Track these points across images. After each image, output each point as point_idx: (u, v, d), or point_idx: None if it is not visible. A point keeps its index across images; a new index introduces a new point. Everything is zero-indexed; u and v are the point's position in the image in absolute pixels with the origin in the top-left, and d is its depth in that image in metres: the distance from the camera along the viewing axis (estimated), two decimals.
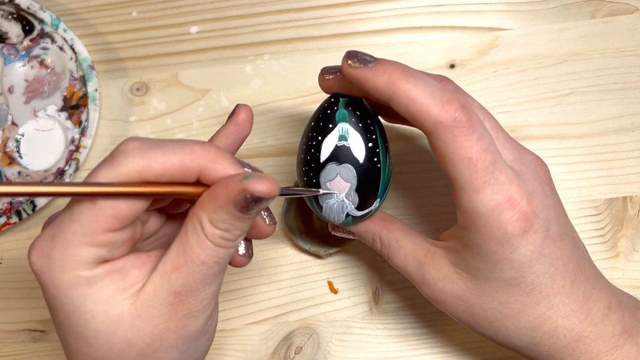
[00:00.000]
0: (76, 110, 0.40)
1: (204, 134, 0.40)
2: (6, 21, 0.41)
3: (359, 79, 0.26)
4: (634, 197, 0.38)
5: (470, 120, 0.25)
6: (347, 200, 0.29)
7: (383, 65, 0.25)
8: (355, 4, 0.41)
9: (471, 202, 0.25)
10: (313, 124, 0.29)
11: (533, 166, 0.28)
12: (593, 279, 0.28)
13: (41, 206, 0.38)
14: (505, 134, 0.28)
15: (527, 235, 0.26)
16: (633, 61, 0.40)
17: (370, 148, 0.28)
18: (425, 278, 0.29)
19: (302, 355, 0.37)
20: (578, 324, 0.27)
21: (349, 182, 0.29)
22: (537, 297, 0.27)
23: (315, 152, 0.29)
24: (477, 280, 0.27)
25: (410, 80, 0.25)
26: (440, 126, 0.25)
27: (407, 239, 0.30)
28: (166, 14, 0.42)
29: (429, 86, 0.25)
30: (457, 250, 0.28)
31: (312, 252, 0.38)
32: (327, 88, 0.29)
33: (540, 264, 0.26)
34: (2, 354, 0.39)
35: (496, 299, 0.27)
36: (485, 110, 0.29)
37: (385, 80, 0.25)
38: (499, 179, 0.25)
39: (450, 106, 0.25)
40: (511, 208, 0.25)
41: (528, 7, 0.41)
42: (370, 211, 0.30)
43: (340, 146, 0.28)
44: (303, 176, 0.30)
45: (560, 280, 0.27)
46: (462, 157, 0.25)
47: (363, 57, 0.26)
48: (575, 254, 0.28)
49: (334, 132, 0.28)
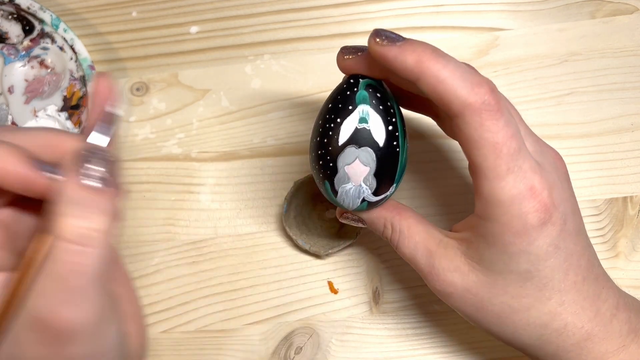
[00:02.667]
0: (76, 111, 0.40)
1: (203, 134, 0.40)
2: (6, 21, 0.41)
3: (386, 57, 0.25)
4: (634, 197, 0.38)
5: (499, 104, 0.25)
6: (364, 184, 0.28)
7: (412, 44, 0.25)
8: (355, 4, 0.41)
9: (493, 189, 0.25)
10: (331, 106, 0.28)
11: (553, 160, 0.28)
12: (602, 278, 0.28)
13: None
14: (526, 126, 0.28)
15: (545, 227, 0.25)
16: (633, 61, 0.40)
17: (390, 131, 0.28)
18: (435, 268, 0.28)
19: (302, 355, 0.37)
20: (587, 322, 0.27)
21: (368, 167, 0.28)
22: (549, 293, 0.27)
23: (333, 135, 0.28)
24: (489, 272, 0.27)
25: (440, 60, 0.25)
26: (469, 108, 0.24)
27: (420, 227, 0.30)
28: (166, 14, 0.42)
29: (459, 68, 0.25)
30: (471, 241, 0.27)
31: (312, 252, 0.38)
32: (346, 68, 0.28)
33: (556, 257, 0.26)
34: None
35: (507, 292, 0.27)
36: (509, 101, 0.28)
37: (414, 59, 0.25)
38: (523, 166, 0.25)
39: (480, 89, 0.24)
40: (532, 198, 0.25)
41: (528, 7, 0.41)
42: (385, 196, 0.29)
43: (361, 129, 0.27)
44: (318, 160, 0.29)
45: (572, 277, 0.27)
46: (488, 141, 0.25)
47: (390, 35, 0.26)
48: (587, 251, 0.28)
49: (354, 114, 0.27)
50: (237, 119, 0.40)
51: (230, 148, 0.40)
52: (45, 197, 0.22)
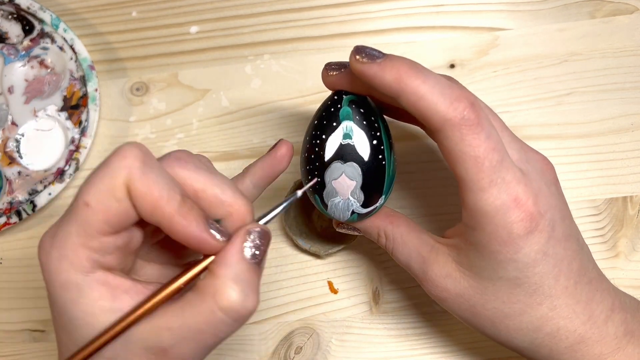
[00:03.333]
0: (76, 110, 0.40)
1: (203, 134, 0.40)
2: (6, 21, 0.41)
3: (366, 75, 0.26)
4: (634, 197, 0.38)
5: (479, 118, 0.25)
6: (352, 198, 0.29)
7: (391, 60, 0.25)
8: (355, 4, 0.41)
9: (477, 201, 0.25)
10: (317, 122, 0.29)
11: (539, 166, 0.28)
12: (596, 280, 0.28)
13: (41, 206, 0.38)
14: (511, 134, 0.28)
15: (532, 236, 0.25)
16: (633, 61, 0.40)
17: (375, 145, 0.28)
18: (428, 275, 0.29)
19: (302, 355, 0.37)
20: (580, 325, 0.27)
21: (354, 181, 0.28)
22: (539, 298, 0.27)
23: (319, 151, 0.29)
24: (479, 278, 0.27)
25: (419, 76, 0.25)
26: (448, 124, 0.24)
27: (412, 235, 0.30)
28: (166, 14, 0.42)
29: (438, 83, 0.25)
30: (461, 248, 0.28)
31: (312, 252, 0.38)
32: (331, 84, 0.29)
33: (544, 264, 0.26)
34: (2, 354, 0.39)
35: (498, 298, 0.27)
36: (491, 110, 0.28)
37: (393, 76, 0.25)
38: (506, 178, 0.25)
39: (459, 104, 0.24)
40: (517, 208, 0.25)
41: (528, 7, 0.41)
42: (375, 208, 0.30)
43: (345, 144, 0.28)
44: (307, 175, 0.30)
45: (563, 282, 0.27)
46: (470, 155, 0.25)
47: (371, 52, 0.26)
48: (579, 255, 0.28)
49: (338, 131, 0.28)
50: (237, 119, 0.40)
51: (230, 148, 0.40)
52: (196, 248, 0.24)
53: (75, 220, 0.23)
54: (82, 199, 0.23)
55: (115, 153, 0.23)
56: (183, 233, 0.23)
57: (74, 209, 0.23)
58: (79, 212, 0.23)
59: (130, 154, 0.23)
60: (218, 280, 0.23)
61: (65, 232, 0.23)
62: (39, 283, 0.40)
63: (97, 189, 0.23)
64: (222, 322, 0.23)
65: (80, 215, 0.23)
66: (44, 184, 0.39)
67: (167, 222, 0.23)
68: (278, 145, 0.30)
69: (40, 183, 0.39)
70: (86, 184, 0.23)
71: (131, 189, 0.23)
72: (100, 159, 0.41)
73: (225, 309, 0.23)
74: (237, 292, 0.23)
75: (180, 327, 0.23)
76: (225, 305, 0.23)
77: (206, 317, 0.23)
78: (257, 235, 0.24)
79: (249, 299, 0.23)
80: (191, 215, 0.23)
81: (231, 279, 0.23)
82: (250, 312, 0.23)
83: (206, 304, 0.23)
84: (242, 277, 0.23)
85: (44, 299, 0.24)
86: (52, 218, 0.40)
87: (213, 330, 0.23)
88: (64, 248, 0.23)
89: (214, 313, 0.23)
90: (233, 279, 0.23)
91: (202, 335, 0.23)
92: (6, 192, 0.39)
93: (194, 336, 0.23)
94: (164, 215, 0.23)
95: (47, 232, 0.24)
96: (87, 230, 0.23)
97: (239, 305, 0.23)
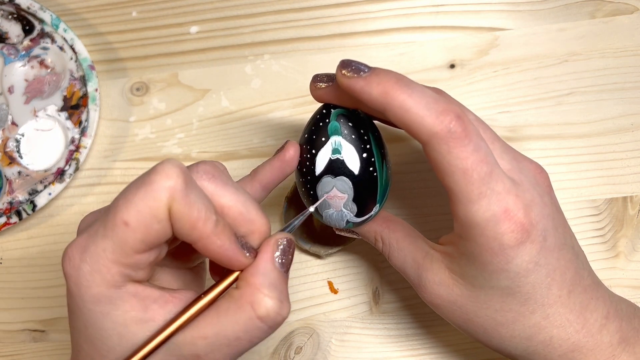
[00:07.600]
0: (76, 110, 0.40)
1: (203, 134, 0.40)
2: (6, 21, 0.41)
3: (352, 89, 0.26)
4: (634, 197, 0.38)
5: (466, 130, 0.24)
6: (345, 210, 0.29)
7: (377, 75, 0.25)
8: (355, 4, 0.41)
9: (467, 213, 0.25)
10: (306, 137, 0.29)
11: (532, 175, 0.28)
12: (591, 288, 0.28)
13: (41, 206, 0.38)
14: (502, 144, 0.28)
15: (523, 246, 0.25)
16: (633, 61, 0.40)
17: (365, 159, 0.28)
18: (422, 281, 0.29)
19: (302, 355, 0.37)
20: (574, 334, 0.27)
21: (346, 194, 0.29)
22: (532, 307, 0.27)
23: (310, 165, 0.29)
24: (472, 287, 0.27)
25: (404, 90, 0.25)
26: (435, 137, 0.24)
27: (408, 240, 0.30)
28: (166, 14, 0.42)
29: (424, 96, 0.25)
30: (454, 256, 0.28)
31: (312, 252, 0.38)
32: (319, 97, 0.29)
33: (536, 274, 0.26)
34: (2, 354, 0.39)
35: (491, 306, 0.27)
36: (481, 121, 0.28)
37: (379, 90, 0.25)
38: (496, 189, 0.25)
39: (445, 117, 0.24)
40: (507, 219, 0.25)
41: (528, 7, 0.41)
42: (370, 216, 0.30)
43: (335, 159, 0.28)
44: (301, 187, 0.30)
45: (556, 291, 0.27)
46: (458, 168, 0.25)
47: (357, 66, 0.26)
48: (574, 263, 0.27)
49: (327, 146, 0.28)
50: (237, 119, 0.40)
51: (230, 148, 0.40)
52: (225, 264, 0.25)
53: (111, 237, 0.23)
54: (121, 217, 0.23)
55: (157, 172, 0.23)
56: (217, 252, 0.24)
57: (111, 226, 0.23)
58: (117, 231, 0.23)
59: (174, 174, 0.23)
60: (254, 289, 0.24)
61: (99, 247, 0.23)
62: (39, 283, 0.40)
63: (137, 210, 0.22)
64: (259, 329, 0.24)
65: (118, 233, 0.23)
66: (44, 184, 0.39)
67: (202, 241, 0.24)
68: (286, 146, 0.30)
69: (40, 183, 0.39)
70: (125, 201, 0.23)
71: (172, 210, 0.23)
72: (100, 158, 0.41)
73: (263, 316, 0.24)
74: (274, 299, 0.24)
75: (216, 335, 0.24)
76: (263, 313, 0.24)
77: (244, 325, 0.24)
78: (285, 245, 0.26)
79: (284, 305, 0.24)
80: (224, 235, 0.24)
81: (267, 287, 0.24)
82: (284, 318, 0.25)
83: (244, 313, 0.24)
84: (276, 285, 0.24)
85: (44, 299, 0.24)
86: (52, 218, 0.40)
87: (249, 337, 0.24)
88: (96, 264, 0.23)
89: (252, 320, 0.24)
90: (268, 288, 0.24)
91: (239, 341, 0.24)
92: (6, 192, 0.39)
93: (229, 343, 0.24)
94: (201, 236, 0.23)
95: (75, 244, 0.24)
96: (124, 248, 0.23)
97: (275, 312, 0.24)
